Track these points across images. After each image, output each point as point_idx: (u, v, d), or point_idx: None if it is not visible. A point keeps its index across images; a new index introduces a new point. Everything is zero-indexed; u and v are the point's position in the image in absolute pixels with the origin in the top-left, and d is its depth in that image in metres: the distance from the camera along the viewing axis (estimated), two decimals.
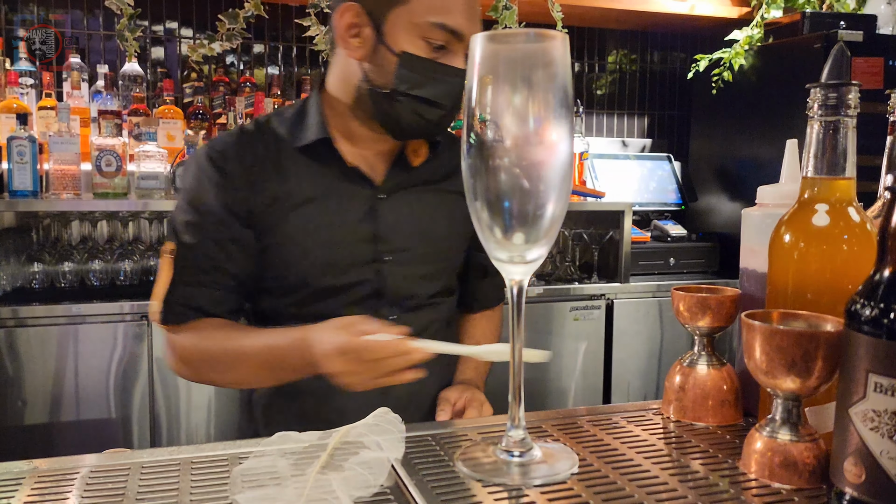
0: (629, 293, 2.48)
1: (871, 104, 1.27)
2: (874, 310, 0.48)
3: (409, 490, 0.56)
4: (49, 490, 0.57)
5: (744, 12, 2.84)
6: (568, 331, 2.41)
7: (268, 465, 0.60)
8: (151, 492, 0.57)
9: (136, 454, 0.65)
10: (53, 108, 2.14)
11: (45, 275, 2.18)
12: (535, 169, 0.53)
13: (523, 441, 0.59)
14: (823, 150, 0.60)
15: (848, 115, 0.59)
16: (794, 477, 0.56)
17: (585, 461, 0.61)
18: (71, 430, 1.98)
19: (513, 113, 0.52)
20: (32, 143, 2.02)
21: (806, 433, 0.57)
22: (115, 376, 2.01)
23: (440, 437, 0.67)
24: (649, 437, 0.67)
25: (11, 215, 2.25)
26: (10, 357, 1.93)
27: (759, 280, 0.69)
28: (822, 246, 0.60)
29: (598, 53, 3.15)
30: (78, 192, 2.09)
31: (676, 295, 0.71)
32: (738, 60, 2.67)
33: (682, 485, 0.57)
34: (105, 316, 2.00)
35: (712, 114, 2.95)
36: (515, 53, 0.53)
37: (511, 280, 0.58)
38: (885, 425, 0.47)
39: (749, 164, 2.74)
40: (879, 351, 0.47)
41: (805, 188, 0.62)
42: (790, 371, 0.54)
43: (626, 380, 2.51)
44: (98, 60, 2.45)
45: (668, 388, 0.73)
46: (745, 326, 0.57)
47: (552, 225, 0.54)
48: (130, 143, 2.22)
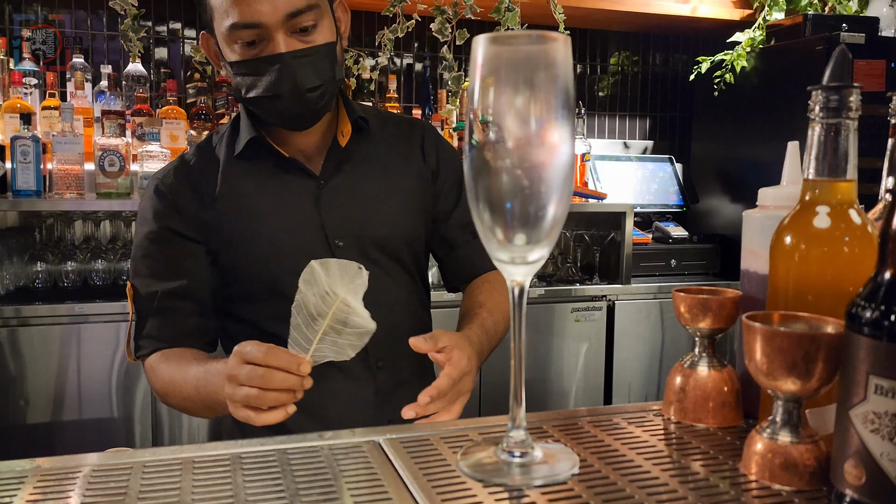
0: (630, 294, 2.48)
1: (873, 106, 1.27)
2: (875, 312, 0.48)
3: (410, 490, 0.56)
4: (51, 489, 0.57)
5: (746, 14, 2.84)
6: (569, 332, 2.41)
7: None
8: (153, 491, 0.57)
9: (138, 453, 0.65)
10: (57, 108, 2.14)
11: (47, 274, 2.19)
12: (537, 170, 0.53)
13: (524, 442, 0.59)
14: (825, 153, 0.60)
15: (849, 118, 0.59)
16: (794, 479, 0.56)
17: (586, 462, 0.61)
18: (73, 430, 1.99)
19: (514, 114, 0.52)
20: (36, 143, 2.03)
21: (806, 435, 0.57)
22: (118, 376, 2.01)
23: (441, 437, 0.67)
24: (650, 439, 0.67)
25: (15, 215, 2.26)
26: (13, 356, 1.94)
27: (760, 282, 0.69)
28: (823, 248, 0.60)
29: (600, 55, 3.15)
30: (81, 192, 2.10)
31: (677, 296, 0.71)
32: (740, 62, 2.67)
33: (683, 486, 0.57)
34: (107, 315, 2.00)
35: (714, 116, 2.95)
36: (517, 55, 0.53)
37: (513, 281, 0.58)
38: (886, 427, 0.47)
39: (750, 165, 2.74)
40: (880, 353, 0.47)
41: (806, 190, 0.62)
42: (791, 373, 0.54)
43: (627, 381, 2.51)
44: (102, 60, 2.46)
45: (669, 390, 0.73)
46: (745, 328, 0.57)
47: (554, 226, 0.54)
48: (134, 143, 2.23)
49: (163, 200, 1.13)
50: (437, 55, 2.55)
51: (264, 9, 1.01)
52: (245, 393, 0.83)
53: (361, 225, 1.14)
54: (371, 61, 2.69)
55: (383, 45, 2.53)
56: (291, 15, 1.03)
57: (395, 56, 2.85)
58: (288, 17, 1.02)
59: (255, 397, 0.83)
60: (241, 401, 0.84)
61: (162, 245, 1.13)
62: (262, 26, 1.02)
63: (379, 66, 2.65)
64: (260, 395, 0.83)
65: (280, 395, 0.83)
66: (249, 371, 0.83)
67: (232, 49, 1.06)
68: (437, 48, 2.57)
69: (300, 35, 1.05)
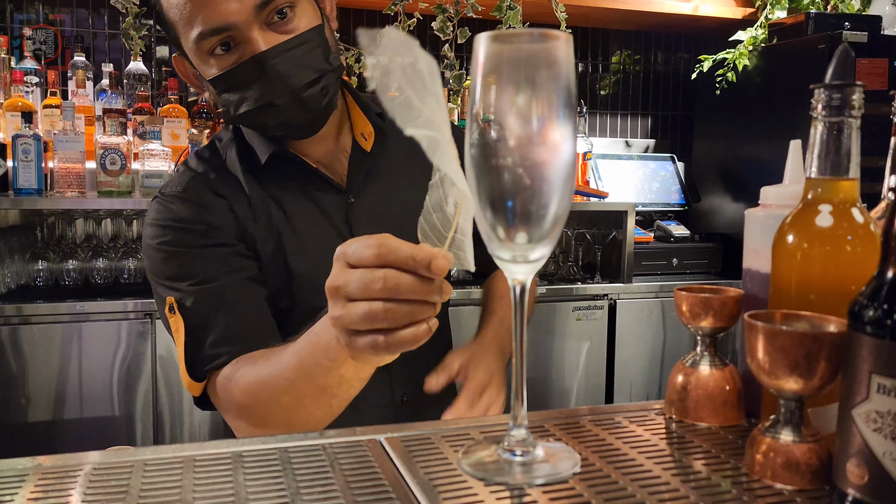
0: (632, 293, 2.48)
1: (876, 105, 1.26)
2: (877, 311, 0.48)
3: (411, 489, 0.56)
4: (52, 487, 0.57)
5: (748, 13, 2.84)
6: (570, 331, 2.41)
7: None
8: (154, 489, 0.57)
9: (139, 452, 0.65)
10: (58, 106, 2.14)
11: (49, 272, 2.19)
12: (539, 169, 0.53)
13: (525, 440, 0.59)
14: (827, 151, 0.60)
15: (852, 116, 0.59)
16: (796, 478, 0.56)
17: (587, 461, 0.61)
18: (74, 428, 1.99)
19: (516, 113, 0.52)
20: (37, 142, 2.03)
21: (808, 434, 0.57)
22: (119, 374, 2.01)
23: (442, 435, 0.67)
24: (651, 437, 0.67)
25: (16, 213, 2.26)
26: (15, 354, 1.94)
27: (763, 281, 0.69)
28: (825, 247, 0.60)
29: (602, 54, 3.14)
30: (82, 191, 2.10)
31: (679, 295, 0.71)
32: (742, 61, 2.67)
33: (684, 485, 0.57)
34: (109, 314, 2.00)
35: (716, 114, 2.95)
36: (519, 53, 0.53)
37: (514, 279, 0.58)
38: (888, 426, 0.47)
39: (752, 164, 2.73)
40: (883, 352, 0.47)
41: (809, 189, 0.62)
42: (793, 372, 0.54)
43: (629, 380, 2.51)
44: (103, 59, 2.46)
45: (671, 389, 0.73)
46: (747, 327, 0.57)
47: (555, 225, 0.54)
48: (135, 141, 2.23)
49: (187, 205, 0.98)
50: (438, 54, 2.55)
51: (230, 7, 0.88)
52: (365, 309, 0.58)
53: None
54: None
55: None
56: (263, 4, 0.89)
57: None
58: (259, 9, 0.89)
59: (383, 313, 0.58)
60: (361, 321, 0.59)
61: (197, 243, 0.96)
62: (233, 27, 0.89)
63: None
64: (387, 308, 0.58)
65: (415, 308, 0.58)
66: (363, 276, 0.58)
67: (208, 63, 0.93)
68: (439, 47, 2.57)
69: (279, 25, 0.92)
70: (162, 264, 0.97)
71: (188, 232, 0.97)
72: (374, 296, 0.58)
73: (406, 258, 0.57)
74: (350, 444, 0.65)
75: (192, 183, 1.01)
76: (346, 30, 2.68)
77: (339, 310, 0.61)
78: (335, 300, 0.61)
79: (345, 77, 1.09)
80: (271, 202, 1.02)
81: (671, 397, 0.73)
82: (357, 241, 0.60)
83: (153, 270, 0.98)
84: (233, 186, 1.02)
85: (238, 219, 1.00)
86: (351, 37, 2.71)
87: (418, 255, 0.57)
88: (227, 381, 0.89)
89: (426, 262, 0.57)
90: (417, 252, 0.57)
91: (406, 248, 0.57)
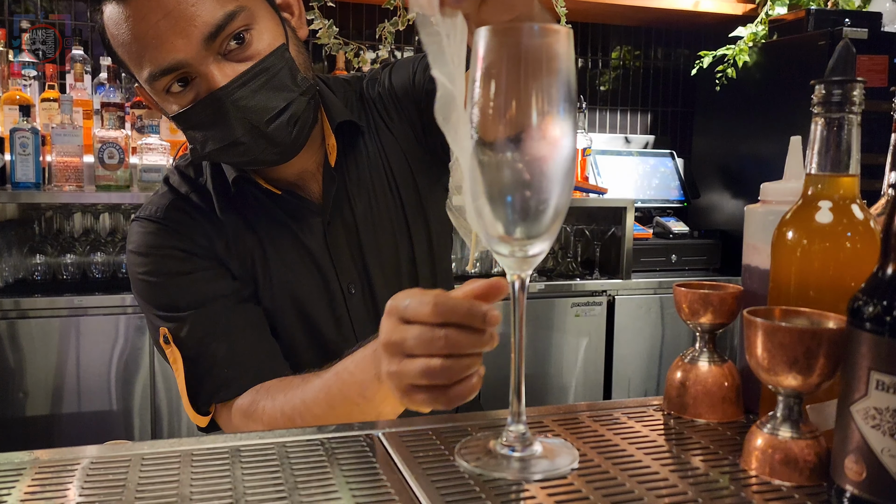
0: (631, 290, 2.48)
1: (876, 102, 1.26)
2: (877, 307, 0.48)
3: (409, 484, 0.56)
4: (50, 481, 0.57)
5: (748, 9, 2.83)
6: (569, 327, 2.41)
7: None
8: (152, 483, 0.57)
9: (136, 446, 0.65)
10: (56, 100, 2.14)
11: (47, 266, 2.19)
12: (538, 164, 0.52)
13: (524, 436, 0.59)
14: (827, 147, 0.60)
15: (852, 112, 0.59)
16: (794, 474, 0.56)
17: (586, 456, 0.61)
18: (72, 422, 1.99)
19: (516, 107, 0.52)
20: (35, 135, 2.02)
21: (807, 430, 0.57)
22: (117, 368, 2.01)
23: (440, 431, 0.67)
24: (650, 434, 0.67)
25: (14, 207, 2.26)
26: (12, 348, 1.94)
27: (762, 277, 0.69)
28: (825, 243, 0.60)
29: (602, 49, 3.14)
30: (80, 185, 2.09)
31: (678, 291, 0.71)
32: (742, 57, 2.66)
33: (683, 481, 0.57)
34: (107, 308, 2.00)
35: (716, 110, 2.95)
36: (519, 47, 0.52)
37: (513, 275, 0.58)
38: (887, 423, 0.47)
39: (752, 160, 2.73)
40: (882, 348, 0.47)
41: (808, 185, 0.62)
42: (792, 368, 0.54)
43: (627, 376, 2.51)
44: (101, 53, 2.45)
45: (669, 385, 0.73)
46: (746, 323, 0.57)
47: (554, 220, 0.54)
48: (133, 135, 2.22)
49: (166, 231, 0.95)
50: None
51: (177, 43, 0.80)
52: (424, 366, 0.59)
53: (387, 252, 0.99)
54: (372, 54, 2.68)
55: (384, 38, 2.52)
56: (212, 35, 0.81)
57: (395, 49, 2.84)
58: (209, 40, 0.81)
59: (440, 370, 0.59)
60: (418, 377, 0.60)
61: (179, 269, 0.92)
62: (184, 64, 0.82)
63: (380, 60, 2.64)
64: (445, 365, 0.59)
65: (470, 362, 0.60)
66: (423, 333, 0.59)
67: (167, 101, 0.87)
68: None
69: (237, 53, 0.84)
70: (148, 293, 0.94)
71: (170, 258, 0.94)
72: (434, 353, 0.59)
73: (464, 314, 0.58)
74: (348, 439, 0.65)
75: (171, 206, 0.98)
76: (345, 24, 2.67)
77: (395, 365, 0.62)
78: (392, 356, 0.62)
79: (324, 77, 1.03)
80: (245, 229, 0.97)
81: (670, 393, 0.73)
82: (411, 295, 0.61)
83: (141, 299, 0.96)
84: (209, 209, 0.98)
85: (216, 242, 0.97)
86: (350, 31, 2.70)
87: (474, 309, 0.58)
88: (246, 418, 0.87)
89: (482, 316, 0.58)
90: (472, 307, 0.58)
91: (464, 306, 0.59)
